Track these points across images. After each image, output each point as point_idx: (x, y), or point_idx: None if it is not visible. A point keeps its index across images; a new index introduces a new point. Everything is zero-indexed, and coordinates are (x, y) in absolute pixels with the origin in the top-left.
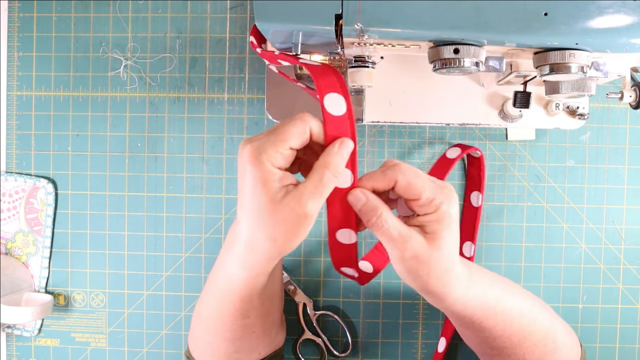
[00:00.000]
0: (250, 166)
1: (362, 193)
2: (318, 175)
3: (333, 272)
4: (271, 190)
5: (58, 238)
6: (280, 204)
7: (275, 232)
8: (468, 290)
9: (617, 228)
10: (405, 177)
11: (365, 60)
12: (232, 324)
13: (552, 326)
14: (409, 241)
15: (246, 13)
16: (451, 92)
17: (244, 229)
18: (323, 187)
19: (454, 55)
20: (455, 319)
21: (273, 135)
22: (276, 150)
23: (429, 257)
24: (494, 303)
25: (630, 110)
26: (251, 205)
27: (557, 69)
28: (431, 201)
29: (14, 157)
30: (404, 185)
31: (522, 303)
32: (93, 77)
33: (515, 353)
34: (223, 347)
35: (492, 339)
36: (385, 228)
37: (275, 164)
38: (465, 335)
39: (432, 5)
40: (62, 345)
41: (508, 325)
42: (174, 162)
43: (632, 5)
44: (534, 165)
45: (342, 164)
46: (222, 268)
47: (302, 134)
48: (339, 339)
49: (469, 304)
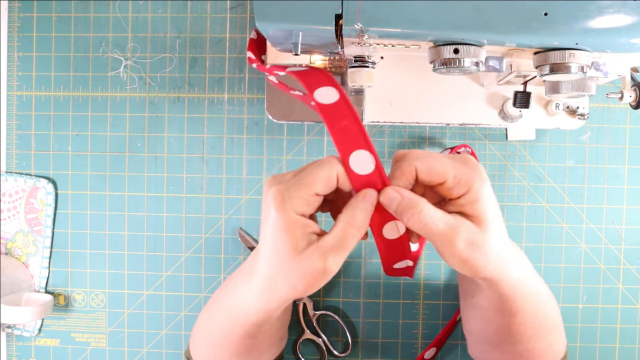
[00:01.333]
0: (274, 211)
1: (395, 191)
2: (341, 232)
3: None
4: (294, 239)
5: (58, 238)
6: (301, 255)
7: (295, 281)
8: (519, 272)
9: (617, 228)
10: (423, 163)
11: (365, 60)
12: (239, 343)
13: (559, 316)
14: (458, 230)
15: (246, 13)
16: (451, 92)
17: (264, 268)
18: (347, 243)
19: (454, 55)
20: (496, 302)
21: (298, 180)
22: (300, 197)
23: (482, 241)
24: (531, 286)
25: (630, 110)
26: (273, 250)
27: (557, 69)
28: (459, 180)
29: (14, 157)
30: (426, 171)
31: (545, 290)
32: (93, 77)
33: (528, 341)
34: (227, 358)
35: (518, 324)
36: (430, 223)
37: (299, 211)
38: (492, 321)
39: (432, 5)
40: (62, 345)
41: (536, 309)
42: (174, 162)
43: (632, 5)
44: (534, 165)
45: (366, 219)
46: (239, 294)
47: (329, 179)
48: (339, 339)
49: (518, 286)
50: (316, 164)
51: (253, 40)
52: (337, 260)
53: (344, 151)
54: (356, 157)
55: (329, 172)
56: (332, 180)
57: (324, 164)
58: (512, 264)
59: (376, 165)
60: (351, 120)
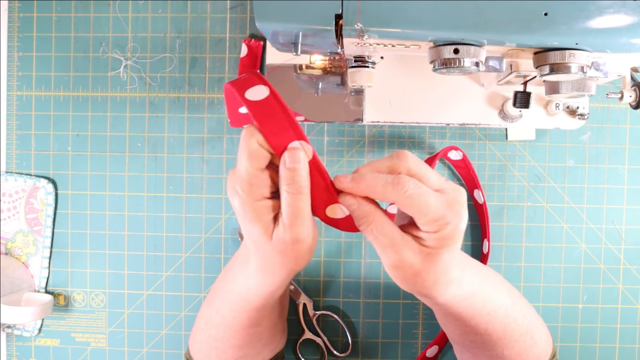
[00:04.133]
0: (237, 205)
1: (354, 199)
2: (285, 200)
3: (333, 272)
4: (263, 226)
5: (58, 238)
6: (272, 236)
7: (281, 260)
8: (459, 292)
9: (617, 228)
10: (407, 198)
11: (365, 60)
12: (242, 332)
13: (532, 322)
14: (400, 252)
15: (246, 13)
16: (451, 92)
17: (253, 254)
18: (297, 209)
19: (454, 55)
20: (441, 314)
21: (237, 169)
22: (250, 183)
23: (420, 269)
24: (481, 305)
25: (630, 110)
26: (251, 239)
27: (557, 69)
28: (436, 220)
29: (14, 157)
30: (405, 205)
31: (508, 302)
32: (93, 77)
33: (494, 348)
34: (229, 352)
35: (473, 334)
36: (376, 235)
37: (257, 196)
38: (447, 327)
39: (432, 5)
40: (62, 345)
41: (491, 324)
42: (174, 162)
43: (632, 5)
44: (534, 165)
45: (301, 177)
46: (238, 280)
47: (256, 152)
48: (339, 339)
49: (456, 304)
50: (240, 142)
51: (244, 60)
52: (303, 228)
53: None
54: (250, 92)
55: (250, 145)
56: (257, 150)
57: (243, 139)
58: (451, 286)
59: (270, 90)
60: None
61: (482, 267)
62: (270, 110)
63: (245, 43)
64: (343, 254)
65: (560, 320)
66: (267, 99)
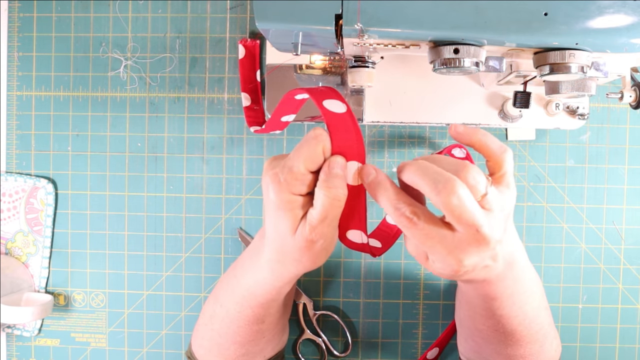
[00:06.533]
0: (272, 194)
1: (373, 169)
2: (320, 201)
3: (333, 272)
4: (292, 220)
5: (58, 238)
6: (297, 231)
7: (298, 256)
8: (505, 282)
9: (617, 228)
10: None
11: (365, 60)
12: (246, 328)
13: (547, 335)
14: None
15: (246, 13)
16: (451, 92)
17: (271, 245)
18: (326, 212)
19: (454, 55)
20: (474, 295)
21: (289, 160)
22: (294, 178)
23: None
24: (518, 305)
25: (630, 110)
26: (275, 230)
27: (557, 69)
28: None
29: (14, 157)
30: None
31: (537, 311)
32: (93, 77)
33: (503, 346)
34: (232, 349)
35: (501, 325)
36: (393, 208)
37: (295, 192)
38: (465, 310)
39: (432, 5)
40: (62, 345)
41: (522, 319)
42: (174, 162)
43: (632, 5)
44: (534, 165)
45: (338, 182)
46: (248, 273)
47: (315, 156)
48: (339, 339)
49: (500, 293)
50: (303, 140)
51: (243, 62)
52: (327, 230)
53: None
54: (329, 103)
55: (315, 149)
56: (318, 156)
57: (310, 141)
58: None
59: (347, 108)
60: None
61: (531, 266)
62: (345, 125)
63: (241, 44)
64: (343, 254)
65: (560, 320)
66: (346, 114)
